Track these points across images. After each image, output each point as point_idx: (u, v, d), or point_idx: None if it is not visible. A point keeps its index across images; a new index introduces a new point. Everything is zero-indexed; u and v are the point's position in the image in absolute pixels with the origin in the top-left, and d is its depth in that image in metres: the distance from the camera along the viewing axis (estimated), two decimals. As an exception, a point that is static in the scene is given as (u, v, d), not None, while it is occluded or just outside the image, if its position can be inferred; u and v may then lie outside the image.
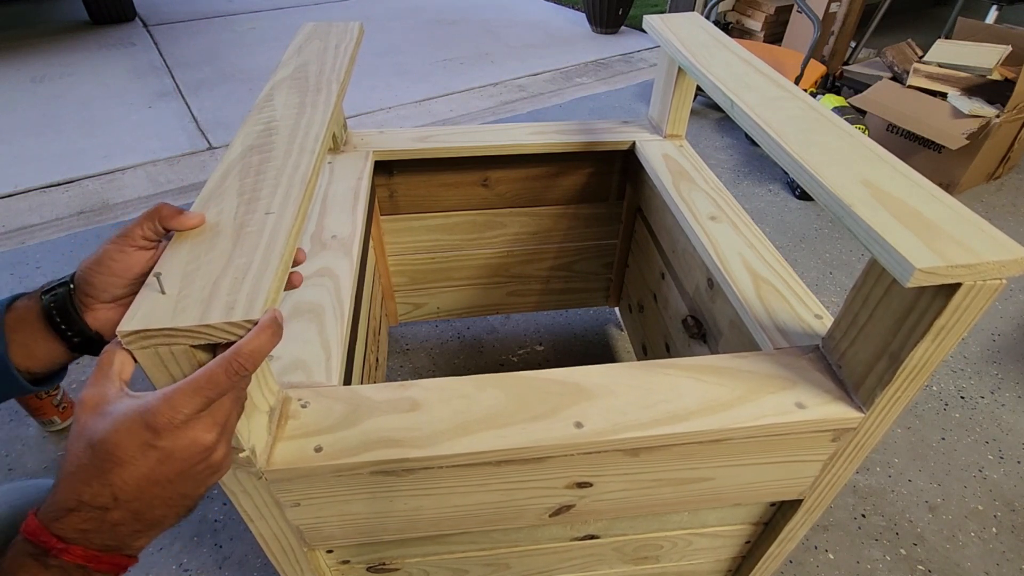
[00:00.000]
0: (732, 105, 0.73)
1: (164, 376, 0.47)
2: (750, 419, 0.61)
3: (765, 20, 3.17)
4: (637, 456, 0.63)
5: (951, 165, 2.15)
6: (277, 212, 0.53)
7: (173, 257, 0.48)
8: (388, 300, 1.42)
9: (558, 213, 1.34)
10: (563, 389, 0.64)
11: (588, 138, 1.18)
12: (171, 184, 2.22)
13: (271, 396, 0.61)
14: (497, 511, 0.68)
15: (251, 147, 0.63)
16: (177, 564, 1.11)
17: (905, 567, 1.13)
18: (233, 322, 0.43)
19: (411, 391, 0.64)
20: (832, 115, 0.69)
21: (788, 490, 0.73)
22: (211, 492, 1.22)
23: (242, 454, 0.54)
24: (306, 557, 0.72)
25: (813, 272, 1.86)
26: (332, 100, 0.72)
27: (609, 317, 1.69)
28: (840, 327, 0.64)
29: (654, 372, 0.66)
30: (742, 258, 0.87)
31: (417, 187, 1.24)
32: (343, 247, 0.89)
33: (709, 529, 0.83)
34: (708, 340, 0.96)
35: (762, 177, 2.31)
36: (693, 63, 0.85)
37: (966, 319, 0.50)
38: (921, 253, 0.46)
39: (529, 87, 3.02)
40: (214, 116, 2.69)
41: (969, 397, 1.47)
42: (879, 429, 0.63)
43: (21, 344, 0.49)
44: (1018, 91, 1.96)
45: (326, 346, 0.72)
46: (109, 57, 3.25)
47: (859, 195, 0.54)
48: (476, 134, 1.19)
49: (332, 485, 0.61)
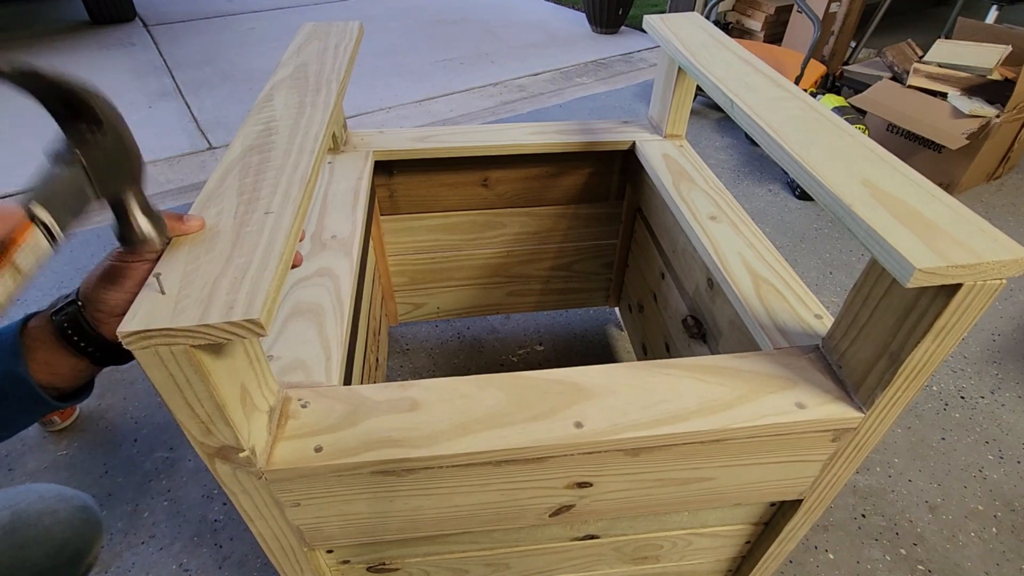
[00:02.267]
0: (732, 105, 0.73)
1: (164, 375, 0.47)
2: (750, 419, 0.61)
3: (765, 20, 3.17)
4: (637, 456, 0.63)
5: (951, 165, 2.15)
6: (277, 212, 0.53)
7: (173, 257, 0.48)
8: (388, 300, 1.42)
9: (558, 213, 1.34)
10: (563, 389, 0.64)
11: (588, 138, 1.18)
12: (171, 184, 2.22)
13: (271, 396, 0.61)
14: (497, 511, 0.68)
15: (251, 147, 0.63)
16: (177, 564, 1.11)
17: (905, 567, 1.13)
18: (233, 322, 0.43)
19: (411, 391, 0.64)
20: (832, 115, 0.69)
21: (788, 490, 0.73)
22: (211, 492, 1.22)
23: (242, 454, 0.55)
24: (306, 557, 0.72)
25: (813, 272, 1.86)
26: (332, 100, 0.72)
27: (609, 317, 1.69)
28: (840, 327, 0.64)
29: (654, 372, 0.66)
30: (742, 258, 0.87)
31: (417, 187, 1.24)
32: (343, 247, 0.89)
33: (709, 529, 0.83)
34: (708, 340, 0.96)
35: (762, 177, 2.31)
36: (693, 63, 0.85)
37: (966, 319, 0.50)
38: (921, 253, 0.46)
39: (529, 87, 3.02)
40: (214, 116, 2.69)
41: (969, 397, 1.47)
42: (879, 429, 0.63)
43: (43, 363, 0.49)
44: (1018, 91, 1.96)
45: (326, 346, 0.72)
46: (109, 57, 3.25)
47: (859, 195, 0.54)
48: (476, 134, 1.19)
49: (332, 485, 0.61)
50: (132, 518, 1.18)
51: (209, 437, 0.53)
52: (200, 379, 0.47)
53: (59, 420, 1.33)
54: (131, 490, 1.23)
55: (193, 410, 0.50)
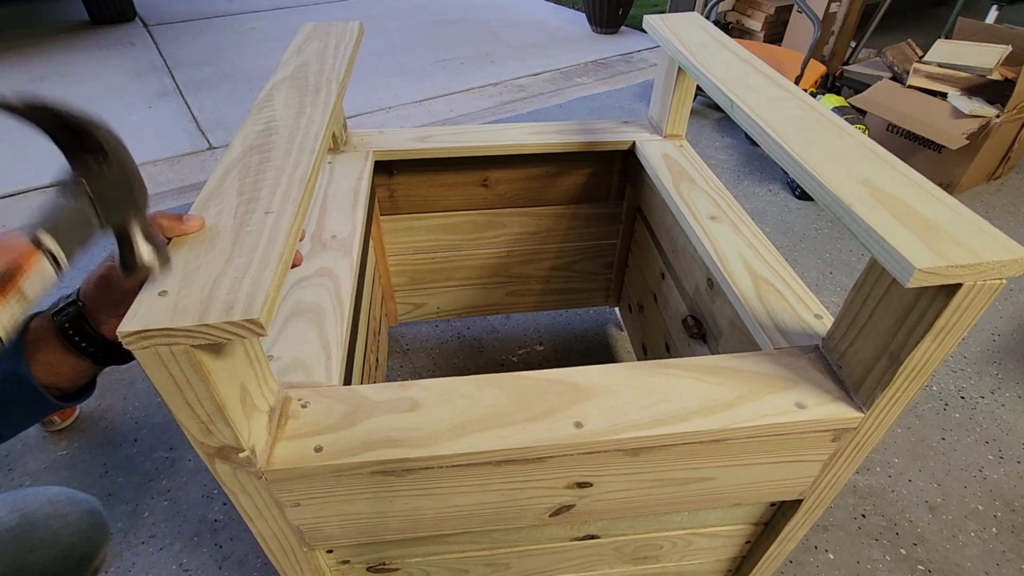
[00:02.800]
0: (732, 105, 0.73)
1: (164, 375, 0.47)
2: (750, 419, 0.61)
3: (765, 20, 3.17)
4: (637, 456, 0.63)
5: (951, 165, 2.15)
6: (276, 212, 0.53)
7: (173, 257, 0.48)
8: (388, 300, 1.42)
9: (558, 213, 1.34)
10: (563, 389, 0.64)
11: (588, 138, 1.18)
12: (171, 184, 2.22)
13: (271, 396, 0.61)
14: (497, 511, 0.68)
15: (251, 147, 0.63)
16: (177, 564, 1.11)
17: (905, 567, 1.13)
18: (233, 321, 0.43)
19: (411, 391, 0.64)
20: (832, 115, 0.69)
21: (788, 490, 0.72)
22: (211, 492, 1.22)
23: (242, 454, 0.55)
24: (306, 557, 0.72)
25: (813, 272, 1.86)
26: (332, 100, 0.72)
27: (609, 317, 1.69)
28: (840, 327, 0.64)
29: (654, 372, 0.66)
30: (742, 258, 0.87)
31: (417, 187, 1.24)
32: (343, 247, 0.89)
33: (709, 529, 0.83)
34: (708, 340, 0.96)
35: (762, 177, 2.31)
36: (693, 63, 0.85)
37: (966, 319, 0.50)
38: (921, 253, 0.46)
39: (529, 87, 3.02)
40: (214, 116, 2.69)
41: (969, 397, 1.47)
42: (879, 429, 0.63)
43: (45, 363, 0.49)
44: (1018, 91, 1.96)
45: (326, 346, 0.72)
46: (109, 57, 3.25)
47: (859, 195, 0.54)
48: (476, 134, 1.19)
49: (332, 485, 0.61)
50: (132, 518, 1.18)
51: (209, 437, 0.53)
52: (200, 379, 0.47)
53: (59, 420, 1.33)
54: (131, 490, 1.23)
55: (193, 410, 0.50)
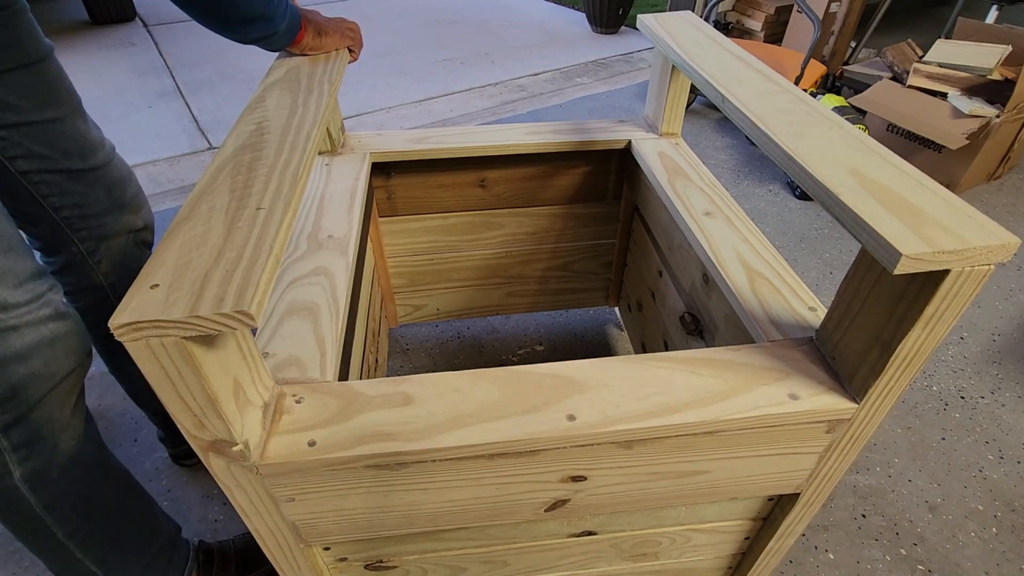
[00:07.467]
0: (723, 100, 0.73)
1: (156, 368, 0.47)
2: (743, 410, 0.61)
3: (765, 20, 3.17)
4: (631, 449, 0.63)
5: (951, 165, 2.15)
6: (268, 207, 0.53)
7: (165, 251, 0.49)
8: (388, 302, 1.43)
9: (556, 213, 1.34)
10: (555, 382, 0.64)
11: (584, 137, 1.18)
12: (171, 184, 2.23)
13: (265, 391, 0.61)
14: (492, 506, 0.68)
15: (243, 146, 0.63)
16: (176, 564, 1.12)
17: (905, 567, 1.13)
18: (223, 313, 0.43)
19: (404, 386, 0.64)
20: (822, 107, 0.69)
21: (785, 484, 0.72)
22: (211, 491, 1.23)
23: (235, 448, 0.55)
24: (303, 554, 0.72)
25: (813, 272, 1.85)
26: (324, 100, 0.73)
27: (609, 317, 1.69)
28: (833, 318, 0.64)
29: (647, 365, 0.66)
30: (736, 252, 0.87)
31: (415, 188, 1.24)
32: (339, 246, 0.89)
33: (707, 525, 0.82)
34: (705, 336, 0.96)
35: (762, 177, 2.31)
36: (686, 60, 0.86)
37: (956, 306, 0.50)
38: (908, 240, 0.46)
39: (529, 87, 3.03)
40: (214, 116, 2.71)
41: (969, 397, 1.46)
42: (873, 420, 0.63)
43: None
44: (1018, 91, 1.96)
45: (321, 343, 0.72)
46: (109, 57, 3.27)
47: (847, 184, 0.54)
48: (473, 135, 1.19)
49: (326, 479, 0.61)
50: (132, 518, 1.19)
51: (202, 431, 0.53)
52: (192, 371, 0.47)
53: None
54: (131, 490, 1.23)
55: (185, 403, 0.50)
